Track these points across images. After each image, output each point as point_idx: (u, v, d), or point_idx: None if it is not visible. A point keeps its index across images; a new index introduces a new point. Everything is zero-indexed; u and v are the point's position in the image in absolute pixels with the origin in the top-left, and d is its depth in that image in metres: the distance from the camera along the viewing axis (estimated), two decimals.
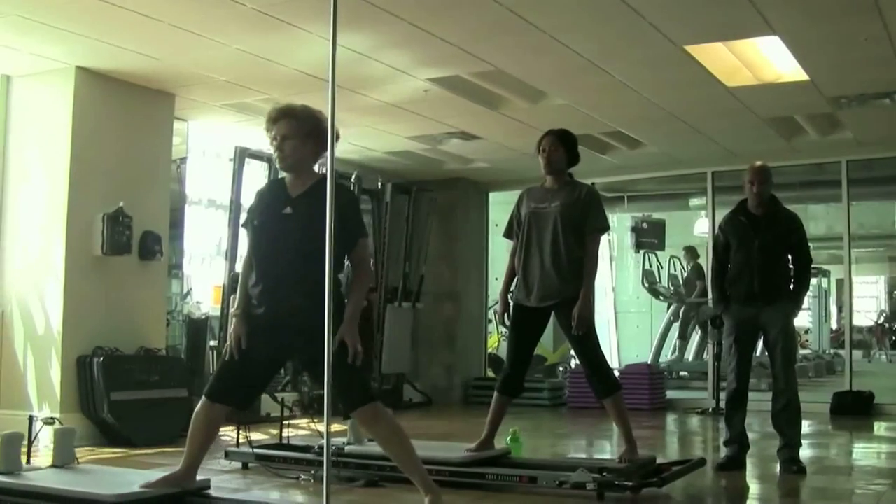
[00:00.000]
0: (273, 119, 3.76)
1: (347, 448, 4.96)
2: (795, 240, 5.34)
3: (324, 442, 4.77)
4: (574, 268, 4.73)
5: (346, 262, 3.79)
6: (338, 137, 3.78)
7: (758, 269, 5.22)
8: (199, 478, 3.87)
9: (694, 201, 11.69)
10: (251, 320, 3.71)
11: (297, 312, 3.58)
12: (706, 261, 10.54)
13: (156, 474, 3.94)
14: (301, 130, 3.70)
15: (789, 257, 5.33)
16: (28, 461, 4.38)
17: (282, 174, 3.89)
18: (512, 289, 5.00)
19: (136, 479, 3.88)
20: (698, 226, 12.18)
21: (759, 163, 5.41)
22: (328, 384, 3.00)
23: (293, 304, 3.60)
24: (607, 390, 4.75)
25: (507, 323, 4.94)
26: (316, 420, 6.54)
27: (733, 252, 5.35)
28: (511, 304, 4.94)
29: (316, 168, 3.84)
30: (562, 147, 4.86)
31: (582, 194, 4.82)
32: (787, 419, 5.20)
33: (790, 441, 5.18)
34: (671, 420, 8.74)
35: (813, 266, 6.04)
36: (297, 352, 3.81)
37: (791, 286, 5.32)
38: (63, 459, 4.34)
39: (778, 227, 5.30)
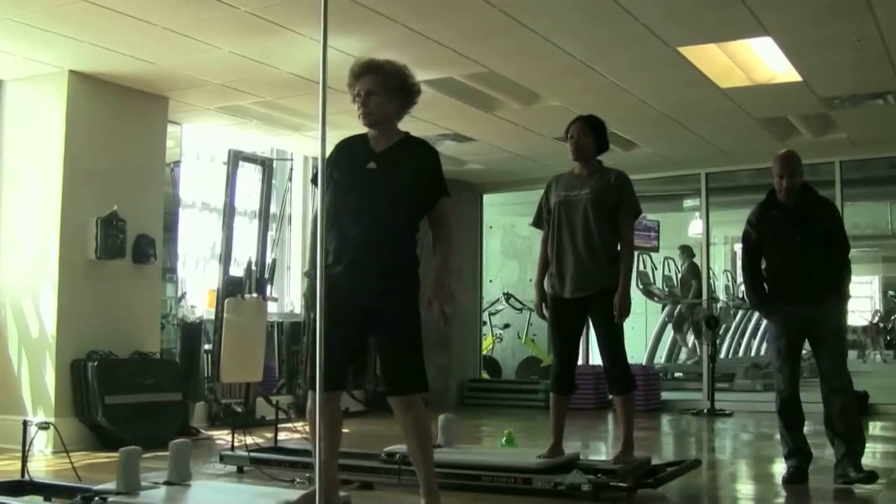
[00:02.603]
0: (356, 74, 3.64)
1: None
2: (834, 227, 4.90)
3: (389, 448, 4.71)
4: (610, 255, 4.69)
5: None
6: (418, 92, 3.77)
7: (803, 266, 4.75)
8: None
9: (688, 202, 11.71)
10: (329, 281, 3.48)
11: (379, 270, 3.50)
12: (701, 259, 10.56)
13: (292, 493, 3.69)
14: (386, 86, 3.59)
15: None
16: (23, 469, 4.27)
17: (363, 130, 3.75)
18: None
19: (263, 498, 3.74)
20: (692, 227, 12.18)
21: (783, 151, 4.94)
22: (320, 376, 2.97)
23: (375, 260, 3.51)
24: (623, 388, 4.73)
25: (545, 315, 4.85)
26: None
27: (770, 249, 4.89)
28: (547, 295, 4.84)
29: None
30: (591, 133, 4.83)
31: (612, 179, 4.77)
32: (846, 424, 4.74)
33: (852, 448, 4.73)
34: (666, 421, 8.74)
35: None
36: (371, 315, 3.58)
37: (837, 279, 4.86)
38: (179, 476, 4.14)
39: (815, 217, 4.84)
